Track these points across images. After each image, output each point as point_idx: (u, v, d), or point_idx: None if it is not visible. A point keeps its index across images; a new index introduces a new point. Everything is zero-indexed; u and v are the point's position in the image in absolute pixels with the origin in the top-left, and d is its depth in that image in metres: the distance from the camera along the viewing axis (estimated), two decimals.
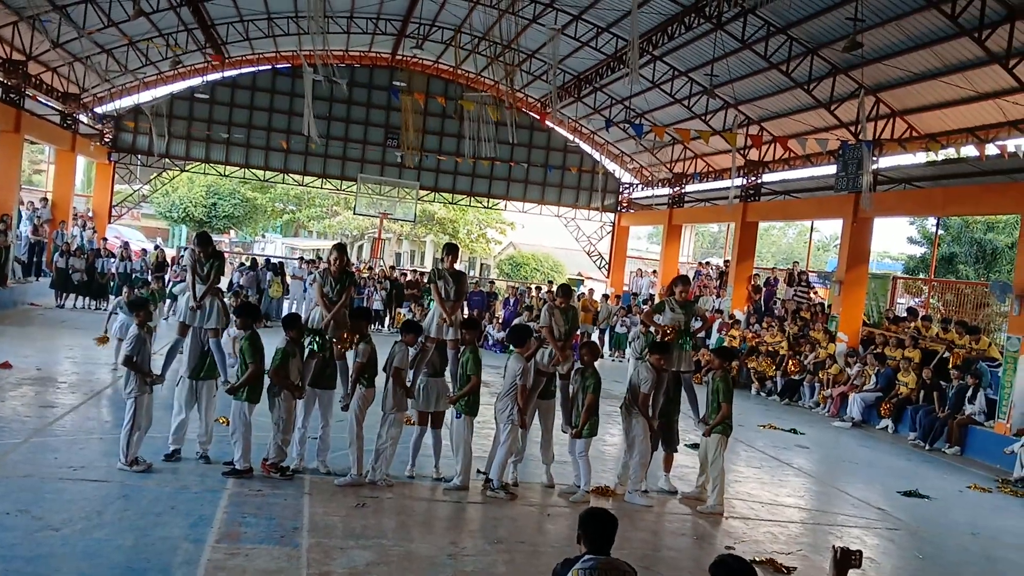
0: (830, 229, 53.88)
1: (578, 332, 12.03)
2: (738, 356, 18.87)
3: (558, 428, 9.57)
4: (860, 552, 4.30)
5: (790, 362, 19.14)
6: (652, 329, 10.47)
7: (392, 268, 29.77)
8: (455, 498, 8.67)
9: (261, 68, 31.17)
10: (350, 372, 8.83)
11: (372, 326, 19.37)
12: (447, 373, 9.42)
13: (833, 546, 4.37)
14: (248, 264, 24.82)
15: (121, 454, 8.25)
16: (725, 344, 19.72)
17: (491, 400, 10.74)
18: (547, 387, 9.51)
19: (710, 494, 9.28)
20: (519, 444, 9.15)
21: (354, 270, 24.85)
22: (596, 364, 9.32)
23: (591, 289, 28.29)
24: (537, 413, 9.55)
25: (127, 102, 30.03)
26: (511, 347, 9.17)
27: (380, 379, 8.82)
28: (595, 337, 22.99)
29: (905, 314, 19.79)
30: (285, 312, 20.45)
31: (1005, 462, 13.39)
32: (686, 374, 9.94)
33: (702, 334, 13.47)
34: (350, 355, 8.90)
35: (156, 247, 27.20)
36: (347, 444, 8.69)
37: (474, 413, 8.96)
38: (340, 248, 9.50)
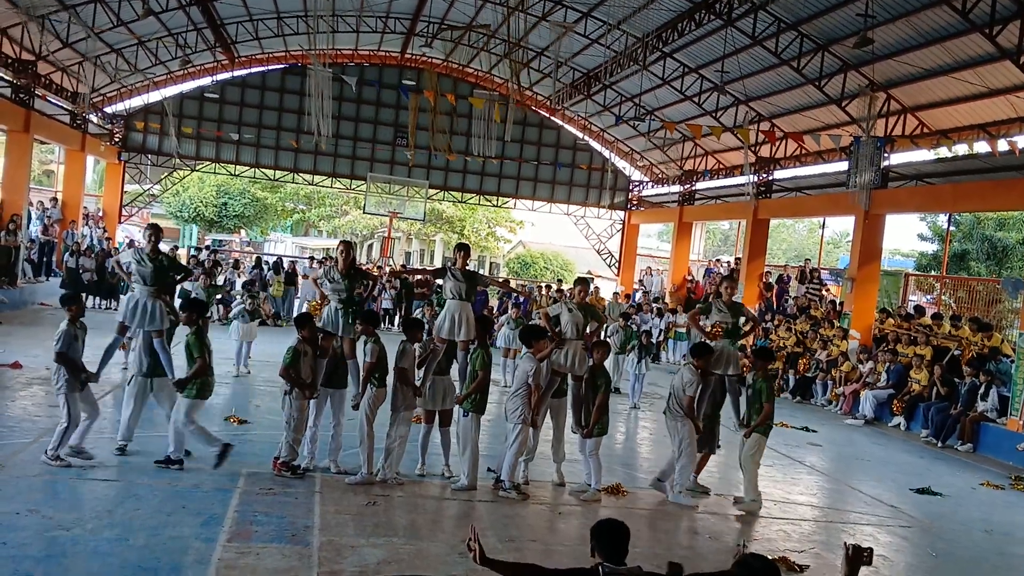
0: (841, 226, 53.74)
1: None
2: (775, 357, 18.77)
3: (569, 426, 9.55)
4: (871, 549, 4.30)
5: (800, 360, 19.09)
6: (633, 324, 10.40)
7: (402, 267, 29.81)
8: (465, 497, 8.66)
9: (271, 67, 31.21)
10: (361, 371, 8.83)
11: (382, 325, 19.43)
12: (453, 372, 9.40)
13: (845, 543, 4.36)
14: (253, 264, 25.92)
15: (49, 448, 8.17)
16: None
17: (500, 399, 10.71)
18: (559, 386, 9.49)
19: (746, 491, 9.27)
20: (530, 443, 9.13)
21: (370, 268, 25.13)
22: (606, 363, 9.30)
23: (597, 287, 28.24)
24: (548, 411, 9.53)
25: (137, 102, 30.15)
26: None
27: (391, 378, 8.81)
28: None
29: (912, 312, 19.70)
30: (296, 311, 20.56)
31: (1018, 459, 13.36)
32: (732, 378, 9.87)
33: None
34: (360, 355, 8.91)
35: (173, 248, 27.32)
36: (358, 443, 8.70)
37: (481, 411, 8.94)
38: (347, 245, 9.51)
